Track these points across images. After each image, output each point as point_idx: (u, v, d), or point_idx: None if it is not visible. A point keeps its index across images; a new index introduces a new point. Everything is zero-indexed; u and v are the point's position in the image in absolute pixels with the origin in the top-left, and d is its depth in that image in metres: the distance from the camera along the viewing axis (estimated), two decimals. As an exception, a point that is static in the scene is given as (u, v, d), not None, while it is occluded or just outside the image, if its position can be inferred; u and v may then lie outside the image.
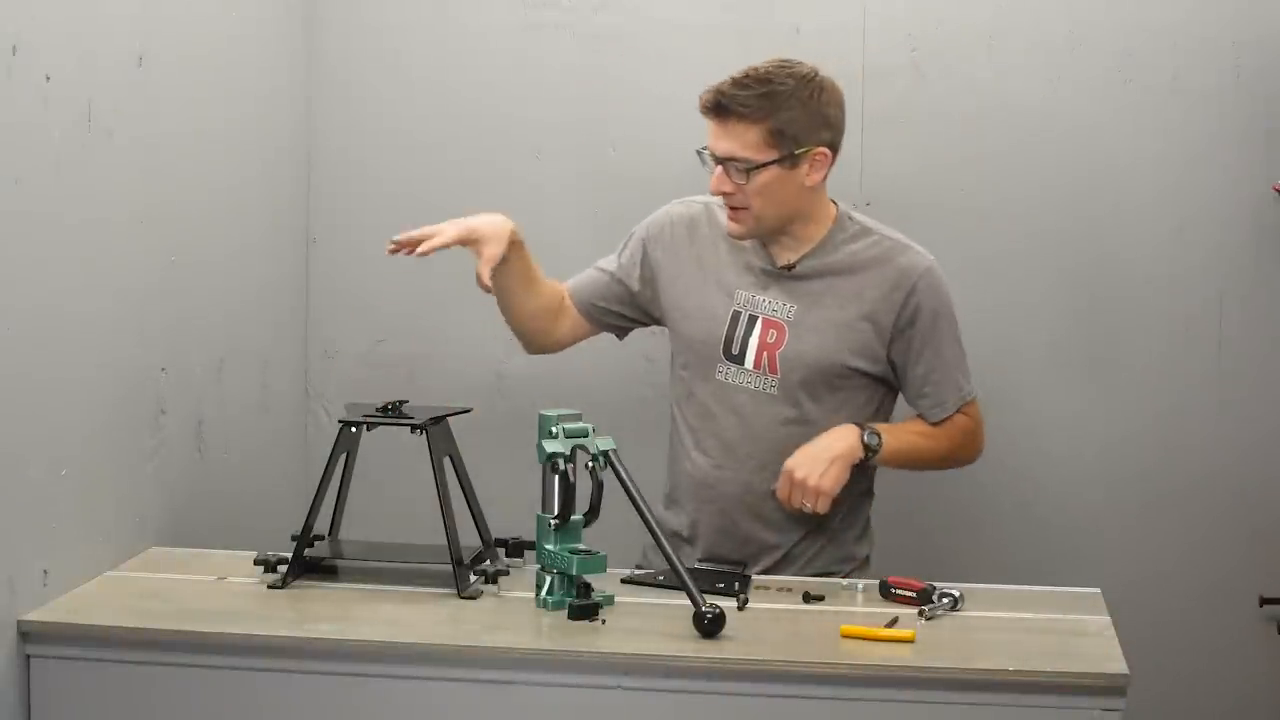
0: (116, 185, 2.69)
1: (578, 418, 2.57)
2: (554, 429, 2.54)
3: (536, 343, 3.02)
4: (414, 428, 2.67)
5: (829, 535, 2.88)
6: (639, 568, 2.78)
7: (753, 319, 2.84)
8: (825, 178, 2.80)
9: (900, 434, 2.84)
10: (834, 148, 2.78)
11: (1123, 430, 3.42)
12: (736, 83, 2.72)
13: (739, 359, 2.84)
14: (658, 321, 2.98)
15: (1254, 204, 3.33)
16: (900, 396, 2.91)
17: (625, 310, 2.98)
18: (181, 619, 2.46)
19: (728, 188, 2.76)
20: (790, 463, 2.74)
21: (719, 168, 2.75)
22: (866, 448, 2.76)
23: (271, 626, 2.45)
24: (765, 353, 2.83)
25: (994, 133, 3.40)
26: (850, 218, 2.87)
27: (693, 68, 3.40)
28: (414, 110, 3.54)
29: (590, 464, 2.52)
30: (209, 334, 3.07)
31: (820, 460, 2.73)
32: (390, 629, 2.44)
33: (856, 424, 2.78)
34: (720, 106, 2.72)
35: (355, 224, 3.57)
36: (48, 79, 2.46)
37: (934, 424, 2.87)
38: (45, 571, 2.50)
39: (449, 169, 3.53)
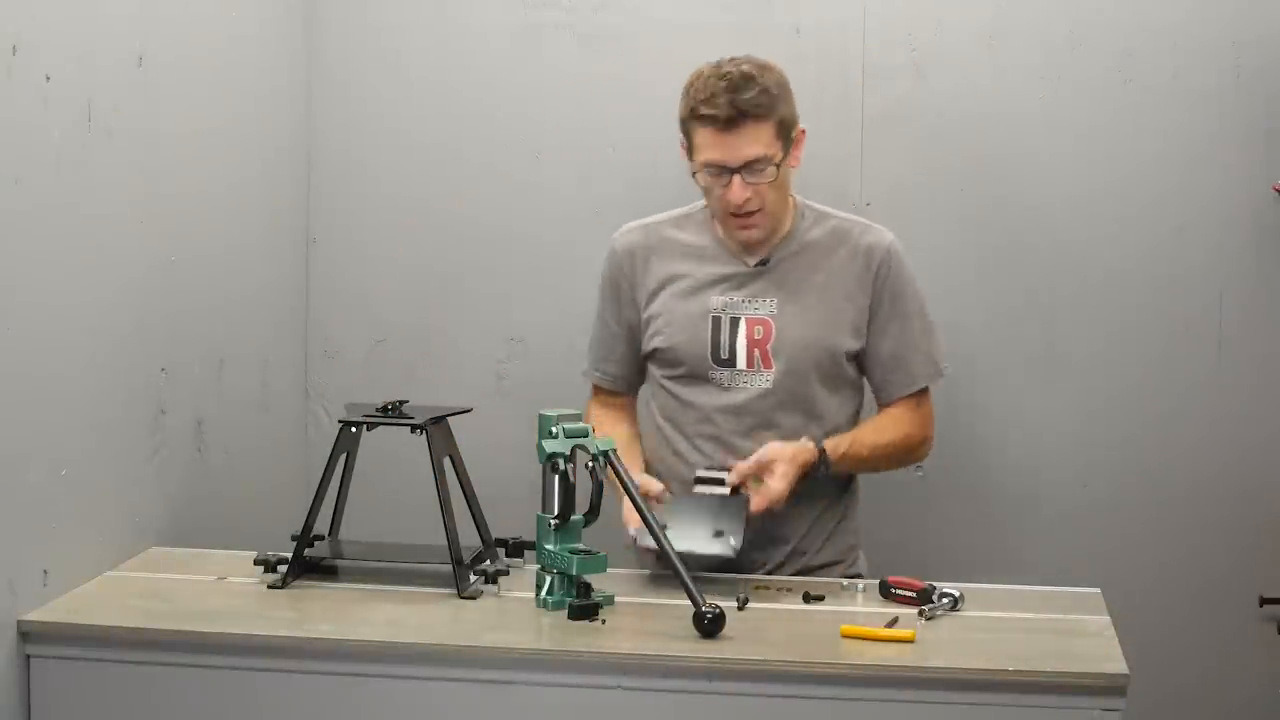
0: (116, 185, 2.69)
1: (578, 418, 2.57)
2: (554, 429, 2.54)
3: None
4: (414, 428, 2.67)
5: (831, 530, 2.92)
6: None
7: (735, 320, 2.85)
8: (800, 160, 2.86)
9: (851, 445, 2.84)
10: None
11: (1123, 430, 3.42)
12: (735, 88, 2.73)
13: (729, 362, 2.85)
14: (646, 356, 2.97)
15: (1254, 204, 3.33)
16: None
17: (632, 365, 2.99)
18: (181, 619, 2.46)
19: (750, 193, 2.76)
20: (778, 454, 2.73)
21: (734, 177, 2.75)
22: (822, 462, 2.79)
23: (271, 626, 2.45)
24: (755, 349, 2.85)
25: (994, 133, 3.40)
26: (809, 206, 2.93)
27: (693, 68, 3.41)
28: (414, 110, 3.54)
29: (590, 464, 2.52)
30: (209, 334, 3.08)
31: (795, 478, 2.74)
32: (390, 629, 2.44)
33: (815, 446, 2.79)
34: (740, 114, 2.72)
35: (355, 224, 3.57)
36: (48, 79, 2.46)
37: (896, 400, 2.90)
38: (45, 571, 2.50)
39: (449, 169, 3.53)
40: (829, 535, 2.92)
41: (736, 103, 2.72)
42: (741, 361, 2.84)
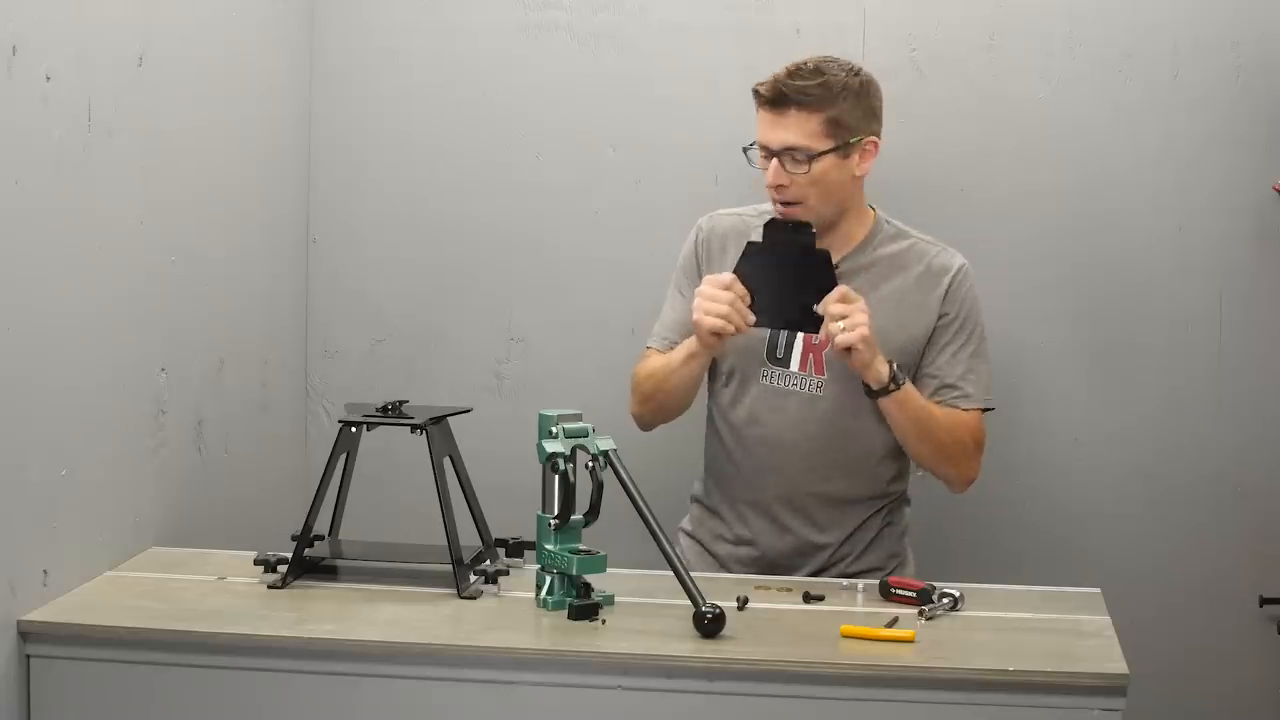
0: (116, 185, 2.69)
1: (578, 418, 2.57)
2: (554, 429, 2.54)
3: (674, 416, 2.99)
4: (414, 428, 2.68)
5: (874, 535, 2.93)
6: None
7: None
8: (869, 171, 2.86)
9: (920, 399, 2.81)
10: (879, 139, 2.86)
11: (1123, 430, 3.42)
12: (792, 74, 2.77)
13: (784, 361, 2.86)
14: None
15: (1254, 204, 3.33)
16: None
17: None
18: (181, 619, 2.46)
19: (784, 180, 2.78)
20: (862, 308, 2.69)
21: (774, 160, 2.77)
22: (891, 377, 2.74)
23: (271, 626, 2.45)
24: (811, 354, 2.85)
25: (994, 132, 3.40)
26: (888, 221, 2.93)
27: (693, 68, 3.43)
28: (414, 110, 3.54)
29: (590, 464, 2.52)
30: (209, 334, 3.08)
31: (872, 347, 2.70)
32: (390, 629, 2.44)
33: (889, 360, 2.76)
34: (782, 96, 2.76)
35: (355, 224, 3.57)
36: (48, 79, 2.46)
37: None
38: (45, 571, 2.50)
39: (449, 169, 3.53)
40: (870, 542, 2.93)
41: (782, 85, 2.76)
42: (795, 363, 2.86)
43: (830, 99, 2.77)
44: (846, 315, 2.67)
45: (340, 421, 2.71)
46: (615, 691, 2.34)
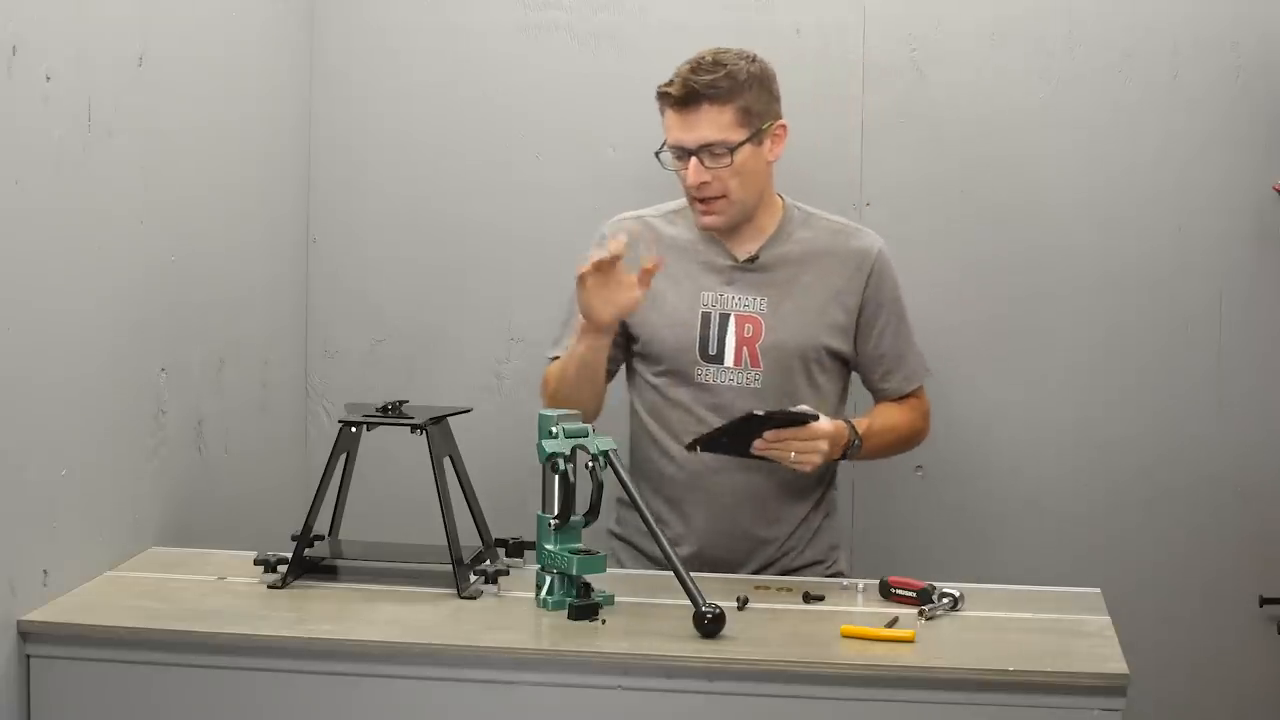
0: (116, 185, 2.69)
1: (578, 418, 2.57)
2: (554, 429, 2.54)
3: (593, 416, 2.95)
4: (414, 428, 2.67)
5: (816, 529, 2.94)
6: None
7: (724, 316, 2.87)
8: (780, 155, 2.88)
9: (870, 434, 2.86)
10: (785, 122, 2.88)
11: (1123, 430, 3.42)
12: (696, 70, 2.79)
13: (717, 358, 2.86)
14: (631, 341, 2.95)
15: (1254, 204, 3.33)
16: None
17: (619, 347, 2.94)
18: (181, 619, 2.46)
19: (706, 177, 2.80)
20: (824, 430, 2.72)
21: (692, 159, 2.79)
22: (846, 450, 2.82)
23: (271, 626, 2.44)
24: (744, 347, 2.86)
25: (994, 132, 3.40)
26: (797, 207, 2.95)
27: (693, 68, 3.41)
28: (414, 110, 3.54)
29: (590, 464, 2.52)
30: (209, 334, 3.07)
31: (834, 452, 2.77)
32: (390, 629, 2.44)
33: (846, 421, 2.83)
34: (693, 93, 2.78)
35: (355, 224, 3.57)
36: (48, 79, 2.46)
37: (902, 398, 2.96)
38: (45, 571, 2.50)
39: (449, 169, 3.53)
40: (813, 535, 2.94)
41: (690, 82, 2.78)
42: (730, 359, 2.86)
43: (738, 89, 2.79)
44: (793, 450, 2.71)
45: (340, 421, 2.71)
46: (615, 691, 2.33)
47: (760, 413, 2.68)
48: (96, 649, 2.43)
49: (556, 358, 2.94)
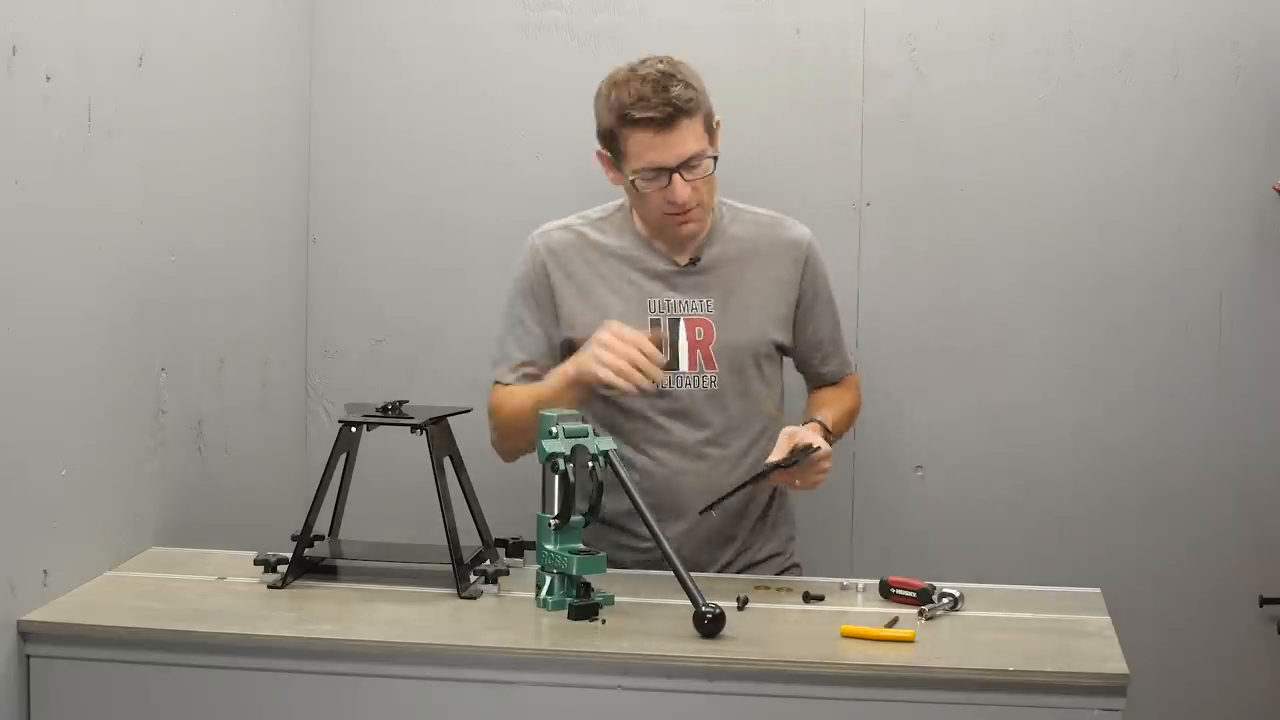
0: (116, 185, 2.69)
1: (578, 418, 2.57)
2: (554, 429, 2.54)
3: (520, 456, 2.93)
4: (414, 428, 2.67)
5: (773, 522, 2.97)
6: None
7: (674, 321, 2.85)
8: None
9: (832, 420, 2.88)
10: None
11: (1123, 430, 3.42)
12: (662, 87, 2.71)
13: (672, 364, 2.82)
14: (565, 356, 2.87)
15: (1254, 204, 3.33)
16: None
17: (558, 360, 2.88)
18: (181, 619, 2.46)
19: (690, 191, 2.75)
20: (827, 452, 2.73)
21: (675, 178, 2.73)
22: (825, 434, 2.82)
23: (271, 626, 2.44)
24: (697, 350, 2.86)
25: (994, 133, 3.40)
26: (723, 202, 2.93)
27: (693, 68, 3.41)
28: (414, 110, 3.54)
29: (590, 464, 2.52)
30: (209, 333, 3.08)
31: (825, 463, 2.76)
32: (390, 629, 2.44)
33: (818, 422, 2.83)
34: (677, 111, 2.71)
35: (355, 224, 3.57)
36: (48, 79, 2.46)
37: (837, 381, 3.01)
38: (45, 571, 2.50)
39: (449, 169, 3.53)
40: (771, 527, 2.97)
41: (671, 100, 2.71)
42: (684, 363, 2.84)
43: (699, 97, 2.74)
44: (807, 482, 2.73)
45: (340, 421, 2.71)
46: (615, 691, 2.33)
47: (776, 460, 2.70)
48: (96, 649, 2.43)
49: (505, 384, 2.88)
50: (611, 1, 3.46)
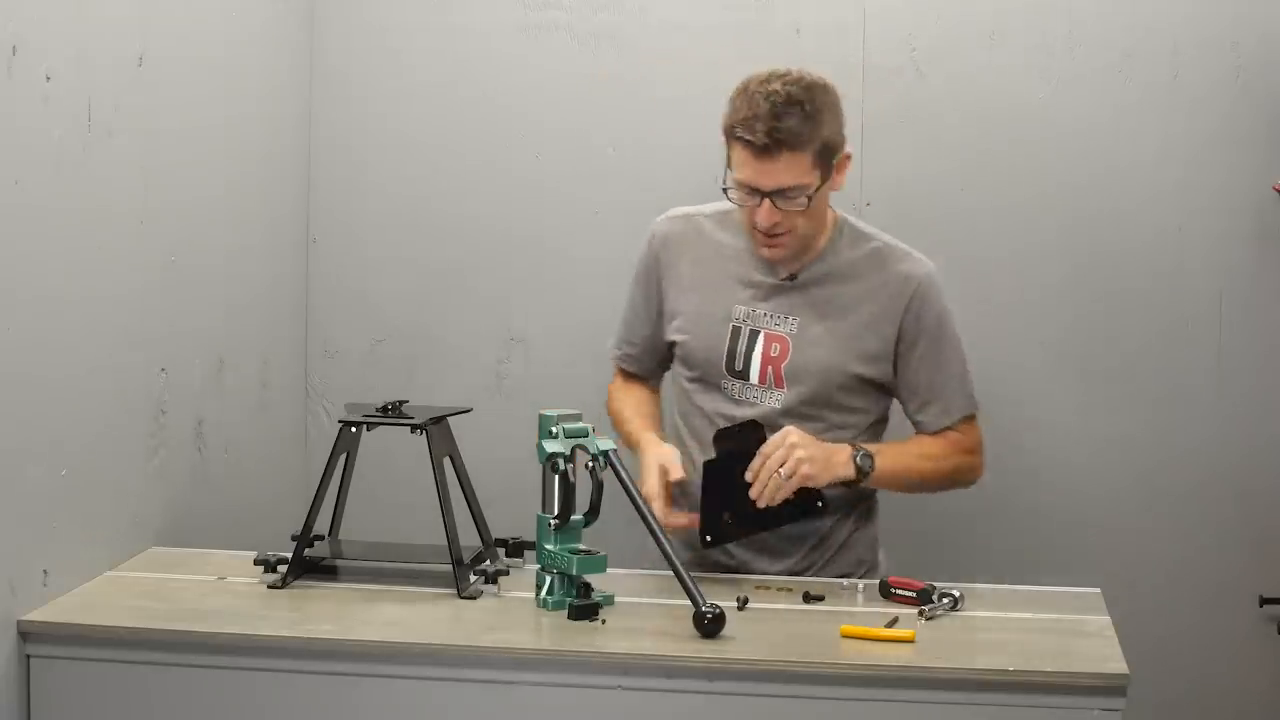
0: (116, 185, 2.69)
1: (578, 418, 2.57)
2: (554, 429, 2.54)
3: None
4: (414, 428, 2.67)
5: (841, 544, 2.87)
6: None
7: (754, 333, 2.80)
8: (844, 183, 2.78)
9: (898, 456, 2.78)
10: (849, 147, 2.77)
11: (1123, 430, 3.42)
12: (779, 115, 2.62)
13: (743, 374, 2.80)
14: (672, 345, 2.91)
15: (1254, 204, 3.33)
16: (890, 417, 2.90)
17: (660, 351, 2.94)
18: (181, 619, 2.46)
19: (779, 218, 2.68)
20: (796, 437, 2.66)
21: (765, 203, 2.67)
22: (858, 470, 2.71)
23: (271, 626, 2.44)
24: (770, 367, 2.80)
25: (994, 133, 3.40)
26: (849, 223, 2.84)
27: (693, 68, 3.43)
28: (414, 110, 3.54)
29: (590, 464, 2.52)
30: (208, 334, 3.07)
31: (822, 460, 2.68)
32: (390, 629, 2.44)
33: (850, 443, 2.73)
34: (777, 143, 2.62)
35: (355, 224, 3.57)
36: (48, 79, 2.46)
37: (936, 433, 2.83)
38: (45, 571, 2.50)
39: (449, 169, 3.53)
40: (837, 550, 2.87)
41: (774, 132, 2.61)
42: (755, 376, 2.80)
43: (817, 131, 2.64)
44: (782, 463, 2.63)
45: (340, 421, 2.71)
46: (615, 691, 2.33)
47: (711, 457, 2.69)
48: (96, 649, 2.43)
49: (619, 357, 2.97)
50: (611, 1, 3.46)
